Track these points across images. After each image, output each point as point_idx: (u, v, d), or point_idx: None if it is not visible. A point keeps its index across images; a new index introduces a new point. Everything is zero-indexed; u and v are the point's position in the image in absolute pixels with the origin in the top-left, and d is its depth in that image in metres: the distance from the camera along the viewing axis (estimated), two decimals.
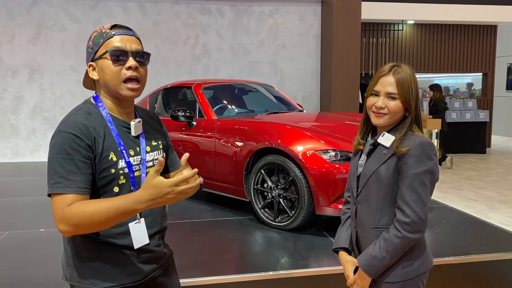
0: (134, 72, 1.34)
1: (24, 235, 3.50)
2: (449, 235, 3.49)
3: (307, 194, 3.36)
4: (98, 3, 7.67)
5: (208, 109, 4.37)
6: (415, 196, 1.47)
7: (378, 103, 1.55)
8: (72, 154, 1.24)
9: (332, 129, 3.88)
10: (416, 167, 1.47)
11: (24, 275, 2.77)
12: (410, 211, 1.47)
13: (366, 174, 1.59)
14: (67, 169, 1.23)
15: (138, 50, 1.37)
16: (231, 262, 3.02)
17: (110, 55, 1.32)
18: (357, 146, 1.68)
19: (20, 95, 7.53)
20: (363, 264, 1.55)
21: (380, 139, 1.57)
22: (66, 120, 1.31)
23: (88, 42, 1.39)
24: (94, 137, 1.29)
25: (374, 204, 1.57)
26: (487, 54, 10.80)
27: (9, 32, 7.44)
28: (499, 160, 9.27)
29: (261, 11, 8.22)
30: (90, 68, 1.37)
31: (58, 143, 1.26)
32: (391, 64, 1.57)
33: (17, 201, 4.64)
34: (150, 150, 1.44)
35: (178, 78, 7.77)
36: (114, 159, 1.31)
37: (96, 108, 1.37)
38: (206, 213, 4.16)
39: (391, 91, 1.53)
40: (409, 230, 1.47)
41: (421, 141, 1.50)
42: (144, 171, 1.39)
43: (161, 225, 1.47)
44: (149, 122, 1.52)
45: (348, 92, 7.84)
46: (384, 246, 1.50)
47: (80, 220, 1.19)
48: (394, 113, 1.54)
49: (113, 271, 1.34)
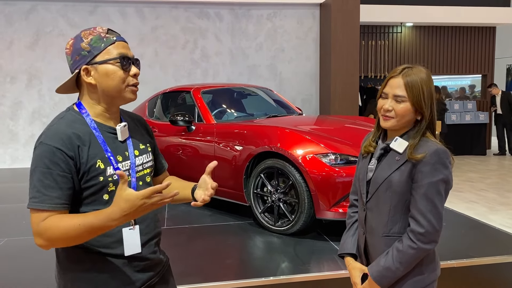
0: (136, 79, 1.38)
1: (23, 242, 3.47)
2: (450, 238, 3.46)
3: (307, 198, 3.34)
4: (97, 8, 7.68)
5: (207, 113, 4.35)
6: (430, 205, 1.43)
7: (385, 105, 1.50)
8: (52, 168, 1.22)
9: (331, 132, 3.87)
10: (432, 176, 1.43)
11: (22, 282, 2.74)
12: (425, 222, 1.43)
13: (378, 180, 1.54)
14: (45, 183, 1.22)
15: (135, 57, 1.40)
16: (231, 268, 3.00)
17: (120, 61, 1.32)
18: (367, 147, 1.62)
19: (18, 101, 7.52)
20: (375, 276, 1.51)
21: (393, 144, 1.52)
22: (47, 131, 1.28)
23: (76, 44, 1.33)
24: (78, 145, 1.27)
25: (385, 211, 1.52)
26: (486, 55, 10.82)
27: (8, 38, 7.44)
28: (500, 161, 9.25)
29: (260, 14, 8.23)
30: (83, 72, 1.32)
31: (39, 155, 1.24)
32: (404, 66, 1.52)
33: (16, 207, 4.61)
34: (139, 154, 1.42)
35: (177, 82, 7.76)
36: (102, 166, 1.29)
37: (80, 116, 1.34)
38: (205, 218, 4.13)
39: (398, 93, 1.48)
40: (424, 240, 1.43)
41: (437, 148, 1.45)
42: (134, 176, 1.37)
43: (155, 230, 1.45)
44: (135, 126, 1.50)
45: (348, 95, 7.83)
46: (398, 257, 1.46)
47: (54, 235, 1.20)
48: (401, 116, 1.48)
49: (108, 282, 1.32)
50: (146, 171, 1.44)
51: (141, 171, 1.42)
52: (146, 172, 1.44)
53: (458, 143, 9.74)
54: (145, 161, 1.44)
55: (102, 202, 1.30)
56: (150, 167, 1.47)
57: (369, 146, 1.62)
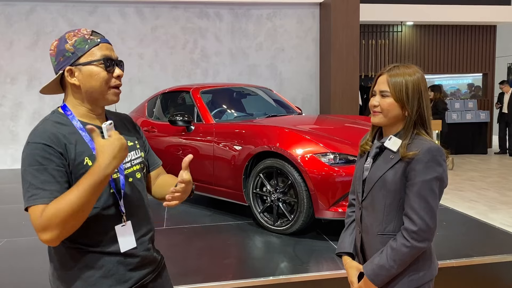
0: (119, 80, 1.39)
1: (22, 243, 3.47)
2: (450, 237, 3.45)
3: (306, 198, 3.33)
4: (96, 8, 7.68)
5: (206, 113, 4.35)
6: (424, 203, 1.44)
7: (373, 101, 1.55)
8: (45, 164, 1.22)
9: (331, 132, 3.86)
10: (425, 174, 1.44)
11: (22, 283, 2.75)
12: (419, 220, 1.44)
13: (372, 179, 1.55)
14: (42, 179, 1.21)
15: (119, 59, 1.41)
16: (230, 268, 3.00)
17: (104, 63, 1.33)
18: (364, 146, 1.64)
19: (19, 101, 7.53)
20: (369, 274, 1.51)
21: (387, 143, 1.54)
22: (34, 131, 1.29)
23: (61, 45, 1.35)
24: (65, 143, 1.28)
25: (380, 210, 1.53)
26: (487, 54, 10.79)
27: (8, 38, 7.45)
28: (501, 160, 9.24)
29: (259, 14, 8.22)
30: (67, 73, 1.34)
31: (29, 155, 1.24)
32: (392, 65, 1.56)
33: (16, 208, 4.61)
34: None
35: (177, 82, 7.76)
36: (90, 163, 1.29)
37: (65, 117, 1.35)
38: (205, 217, 4.13)
39: (382, 88, 1.52)
40: (417, 238, 1.44)
41: (430, 146, 1.46)
42: (122, 173, 1.38)
43: (147, 226, 1.45)
44: (122, 124, 1.51)
45: (348, 94, 7.82)
46: (392, 255, 1.47)
47: (61, 217, 1.16)
48: (386, 111, 1.51)
49: (102, 280, 1.31)
50: (135, 168, 1.45)
51: (130, 168, 1.42)
52: (136, 169, 1.45)
53: (459, 142, 9.73)
54: (134, 157, 1.45)
55: None
56: (140, 163, 1.48)
57: (366, 145, 1.64)
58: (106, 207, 1.32)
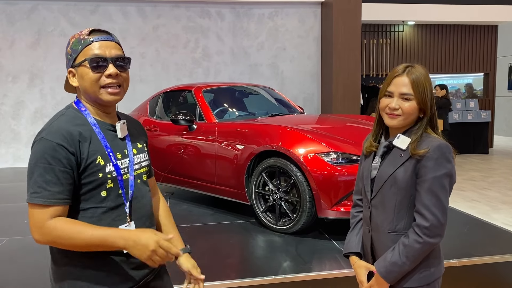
0: (114, 79, 1.34)
1: (25, 241, 3.48)
2: (452, 237, 3.45)
3: (309, 197, 3.33)
4: (98, 7, 7.67)
5: (208, 112, 4.35)
6: (435, 200, 1.45)
7: (392, 104, 1.52)
8: (53, 164, 1.23)
9: (333, 131, 3.86)
10: (436, 170, 1.45)
11: (24, 281, 2.75)
12: (430, 215, 1.45)
13: (382, 178, 1.56)
14: (47, 178, 1.23)
15: (118, 55, 1.35)
16: (233, 267, 3.00)
17: (89, 63, 1.31)
18: (369, 148, 1.64)
19: (20, 100, 7.53)
20: (382, 271, 1.52)
21: (396, 142, 1.54)
22: (49, 127, 1.30)
23: (66, 48, 1.38)
24: (79, 140, 1.28)
25: (391, 208, 1.54)
26: (488, 54, 10.78)
27: (9, 37, 7.45)
28: (502, 160, 9.23)
29: (261, 13, 8.21)
30: (70, 75, 1.37)
31: (40, 151, 1.25)
32: (405, 65, 1.55)
33: (18, 206, 4.62)
34: (137, 152, 1.44)
35: (178, 81, 7.76)
36: (102, 163, 1.30)
37: (79, 113, 1.36)
38: (207, 217, 4.13)
39: (406, 91, 1.50)
40: (430, 234, 1.45)
41: (439, 143, 1.48)
42: (132, 174, 1.39)
43: (150, 227, 1.46)
44: (132, 126, 1.52)
45: (349, 94, 7.81)
46: (404, 251, 1.48)
47: (60, 238, 1.22)
48: (408, 114, 1.51)
49: (104, 280, 1.32)
50: (142, 170, 1.46)
51: (139, 170, 1.44)
52: (143, 171, 1.46)
53: (460, 141, 9.70)
54: (142, 160, 1.47)
55: (99, 199, 1.31)
56: (146, 166, 1.49)
57: (370, 146, 1.64)
58: (113, 207, 1.33)
